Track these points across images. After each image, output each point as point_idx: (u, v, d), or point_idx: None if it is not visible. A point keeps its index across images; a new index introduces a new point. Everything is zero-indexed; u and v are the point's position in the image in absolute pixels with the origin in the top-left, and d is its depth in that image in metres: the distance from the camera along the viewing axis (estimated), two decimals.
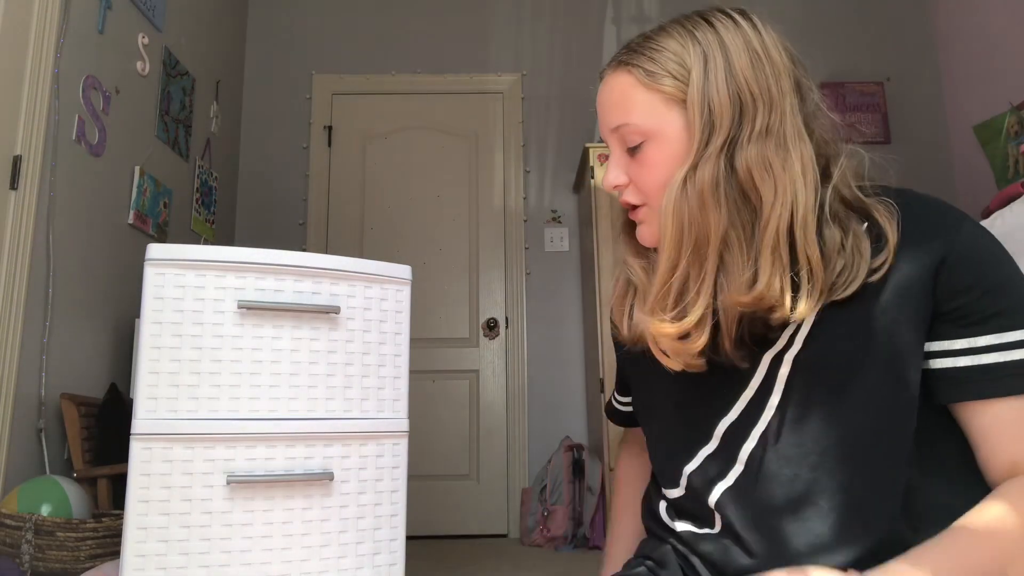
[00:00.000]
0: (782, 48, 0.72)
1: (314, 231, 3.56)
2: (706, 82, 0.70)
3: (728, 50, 0.70)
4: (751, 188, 0.68)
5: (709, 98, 0.69)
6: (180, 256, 1.34)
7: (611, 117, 0.76)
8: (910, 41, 3.84)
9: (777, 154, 0.68)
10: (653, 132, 0.73)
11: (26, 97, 2.01)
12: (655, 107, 0.72)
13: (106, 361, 2.38)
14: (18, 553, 1.64)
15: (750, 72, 0.70)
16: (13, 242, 1.94)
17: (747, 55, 0.70)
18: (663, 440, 0.82)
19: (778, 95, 0.70)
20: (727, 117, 0.69)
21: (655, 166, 0.73)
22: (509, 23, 3.82)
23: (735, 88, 0.69)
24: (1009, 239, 1.47)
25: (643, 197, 0.76)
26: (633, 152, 0.75)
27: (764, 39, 0.72)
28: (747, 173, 0.68)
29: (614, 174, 0.77)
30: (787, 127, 0.69)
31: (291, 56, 3.73)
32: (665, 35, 0.75)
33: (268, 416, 1.36)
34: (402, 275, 1.51)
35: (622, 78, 0.75)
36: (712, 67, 0.70)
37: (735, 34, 0.71)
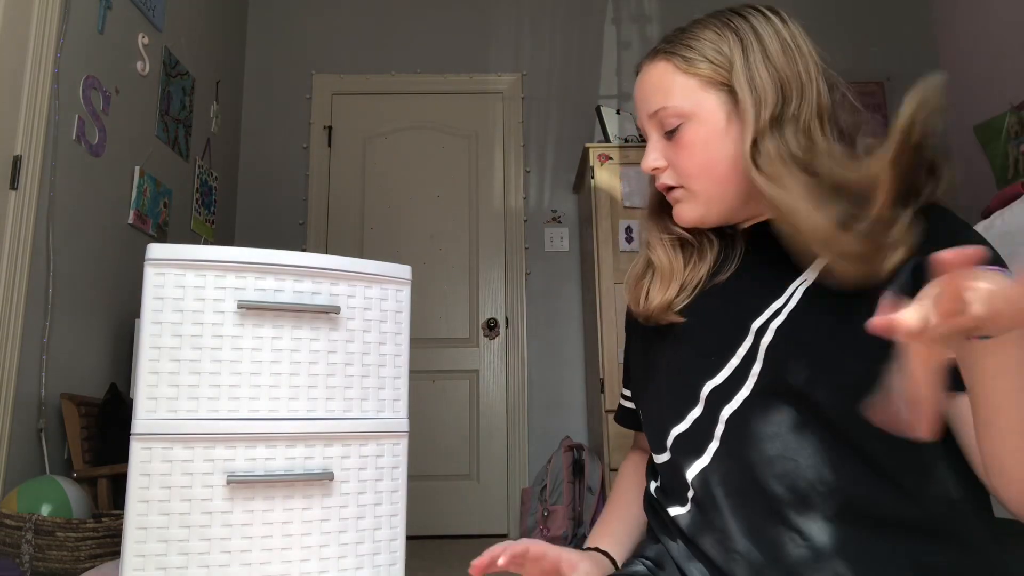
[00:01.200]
0: (810, 41, 0.78)
1: (314, 231, 3.56)
2: (747, 64, 0.74)
3: (763, 38, 0.76)
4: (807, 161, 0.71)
5: (753, 77, 0.74)
6: (180, 256, 1.34)
7: (650, 102, 0.79)
8: (910, 41, 3.84)
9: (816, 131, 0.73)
10: (691, 113, 0.76)
11: (26, 97, 2.01)
12: (693, 90, 0.76)
13: (106, 361, 2.38)
14: (18, 553, 1.64)
15: (783, 59, 0.75)
16: (13, 242, 1.94)
17: (779, 43, 0.76)
18: (655, 402, 0.84)
19: (808, 82, 0.74)
20: (771, 94, 0.73)
21: (693, 146, 0.77)
22: (509, 23, 3.82)
23: (774, 72, 0.74)
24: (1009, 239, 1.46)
25: (681, 178, 0.79)
26: (671, 135, 0.78)
27: (793, 30, 0.78)
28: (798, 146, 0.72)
29: (653, 156, 0.80)
30: (816, 112, 0.74)
31: (291, 56, 3.73)
32: (701, 26, 0.79)
33: (268, 416, 1.36)
34: (402, 275, 1.51)
35: (660, 65, 0.79)
36: (751, 51, 0.75)
37: (767, 25, 0.77)
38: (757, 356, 0.73)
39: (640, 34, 3.83)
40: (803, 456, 0.68)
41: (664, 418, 0.81)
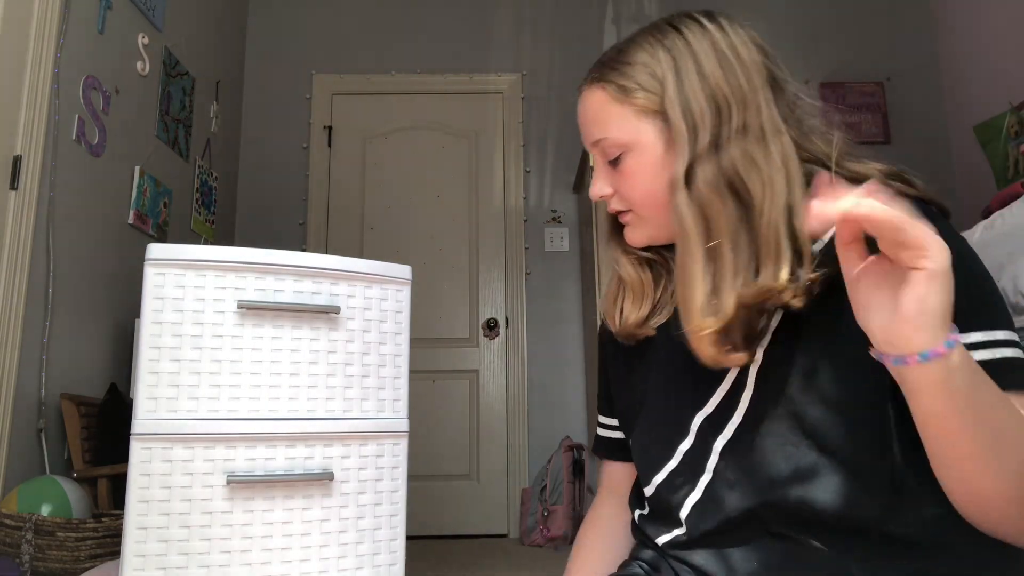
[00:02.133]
0: (752, 44, 0.75)
1: (314, 231, 3.56)
2: (681, 88, 0.72)
3: (697, 54, 0.73)
4: (740, 184, 0.69)
5: (686, 103, 0.72)
6: (180, 256, 1.34)
7: (590, 132, 0.79)
8: (910, 41, 3.84)
9: (758, 148, 0.70)
10: (630, 144, 0.76)
11: (26, 97, 2.01)
12: (629, 120, 0.75)
13: (106, 361, 2.38)
14: (18, 553, 1.64)
15: (720, 73, 0.72)
16: (13, 242, 1.94)
17: (715, 57, 0.73)
18: (645, 436, 0.83)
19: (750, 93, 0.72)
20: (708, 117, 0.71)
21: (635, 175, 0.76)
22: (509, 23, 3.82)
23: (709, 91, 0.72)
24: (1009, 239, 1.47)
25: (627, 204, 0.80)
26: (614, 163, 0.78)
27: (732, 38, 0.74)
28: (734, 170, 0.70)
29: (599, 185, 0.81)
30: (764, 122, 0.71)
31: (291, 56, 3.73)
32: (635, 47, 0.77)
33: (268, 416, 1.36)
34: (402, 275, 1.51)
35: (596, 94, 0.78)
36: (684, 72, 0.72)
37: (702, 38, 0.74)
38: (747, 383, 0.72)
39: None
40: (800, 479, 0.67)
41: (654, 453, 0.80)
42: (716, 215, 0.69)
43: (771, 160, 0.70)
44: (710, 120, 0.71)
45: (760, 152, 0.70)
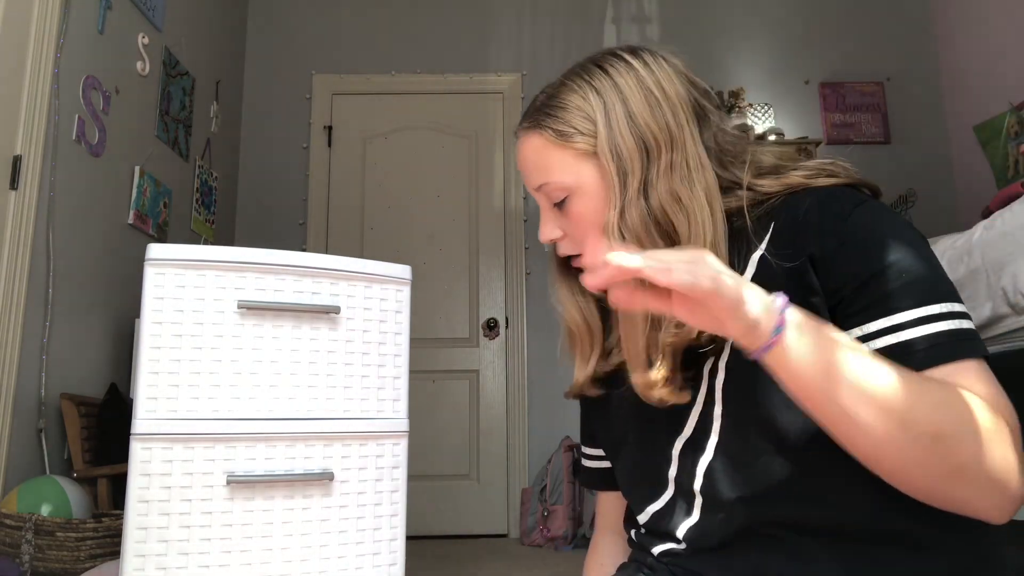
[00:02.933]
0: (677, 78, 0.76)
1: (314, 231, 3.56)
2: (610, 131, 0.73)
3: (624, 95, 0.74)
4: (668, 224, 0.71)
5: (616, 145, 0.73)
6: (180, 256, 1.34)
7: (532, 178, 0.80)
8: (910, 41, 3.84)
9: (683, 186, 0.71)
10: (573, 187, 0.76)
11: (26, 97, 2.01)
12: (569, 163, 0.76)
13: (106, 361, 2.38)
14: (18, 553, 1.64)
15: (648, 113, 0.73)
16: (13, 242, 1.94)
17: (642, 96, 0.74)
18: (632, 471, 0.83)
19: (677, 130, 0.73)
20: (636, 160, 0.72)
21: (582, 218, 0.76)
22: (509, 23, 3.82)
23: (638, 132, 0.72)
24: (1009, 239, 1.47)
25: (577, 248, 0.80)
26: (560, 206, 0.78)
27: (657, 74, 0.75)
28: (662, 210, 0.71)
29: (548, 229, 0.81)
30: (689, 159, 0.72)
31: (291, 56, 3.73)
32: (566, 90, 0.78)
33: (268, 416, 1.36)
34: (402, 275, 1.51)
35: (535, 140, 0.79)
36: (613, 115, 0.73)
37: (628, 76, 0.75)
38: (715, 399, 0.72)
39: (640, 34, 3.83)
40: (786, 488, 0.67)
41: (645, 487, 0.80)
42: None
43: (696, 197, 0.71)
44: (639, 162, 0.72)
45: (686, 190, 0.71)
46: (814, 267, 0.67)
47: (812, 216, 0.68)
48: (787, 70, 3.80)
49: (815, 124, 3.75)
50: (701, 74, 0.80)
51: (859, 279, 0.64)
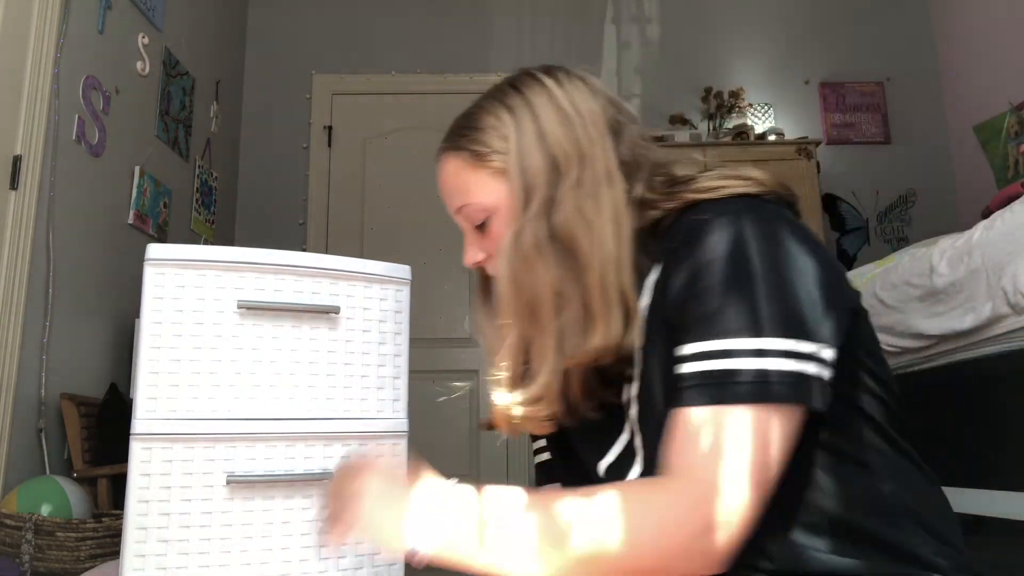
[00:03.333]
0: (591, 94, 0.75)
1: (314, 231, 3.56)
2: (520, 150, 0.73)
3: (536, 113, 0.74)
4: (569, 240, 0.69)
5: (524, 164, 0.72)
6: (180, 256, 1.34)
7: (452, 200, 0.80)
8: (910, 41, 3.84)
9: (588, 203, 0.70)
10: (492, 207, 0.76)
11: (26, 97, 2.01)
12: (487, 184, 0.76)
13: (106, 361, 2.38)
14: (18, 553, 1.64)
15: (559, 129, 0.72)
16: (13, 242, 1.94)
17: (555, 113, 0.73)
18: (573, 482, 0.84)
19: (588, 145, 0.72)
20: (542, 178, 0.71)
21: (502, 237, 0.75)
22: (509, 23, 3.81)
23: (547, 149, 0.72)
24: (1009, 239, 1.46)
25: None
26: (482, 228, 0.78)
27: (570, 92, 0.75)
28: (565, 227, 0.70)
29: (471, 252, 0.81)
30: (599, 175, 0.71)
31: (291, 56, 3.73)
32: (481, 111, 0.78)
33: (268, 416, 1.36)
34: (402, 275, 1.51)
35: (453, 162, 0.79)
36: (524, 133, 0.73)
37: (541, 95, 0.75)
38: (635, 430, 0.72)
39: (640, 34, 3.83)
40: None
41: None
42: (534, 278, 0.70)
43: (601, 213, 0.70)
44: (546, 179, 0.71)
45: (592, 206, 0.70)
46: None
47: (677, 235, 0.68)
48: (787, 70, 3.80)
49: (815, 124, 3.75)
50: (701, 74, 0.80)
51: (678, 303, 0.64)
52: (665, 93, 3.72)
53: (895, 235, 3.65)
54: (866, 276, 1.91)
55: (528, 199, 0.72)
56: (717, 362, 0.60)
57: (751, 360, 0.59)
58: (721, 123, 3.60)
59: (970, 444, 1.60)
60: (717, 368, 0.60)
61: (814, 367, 0.60)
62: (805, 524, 0.64)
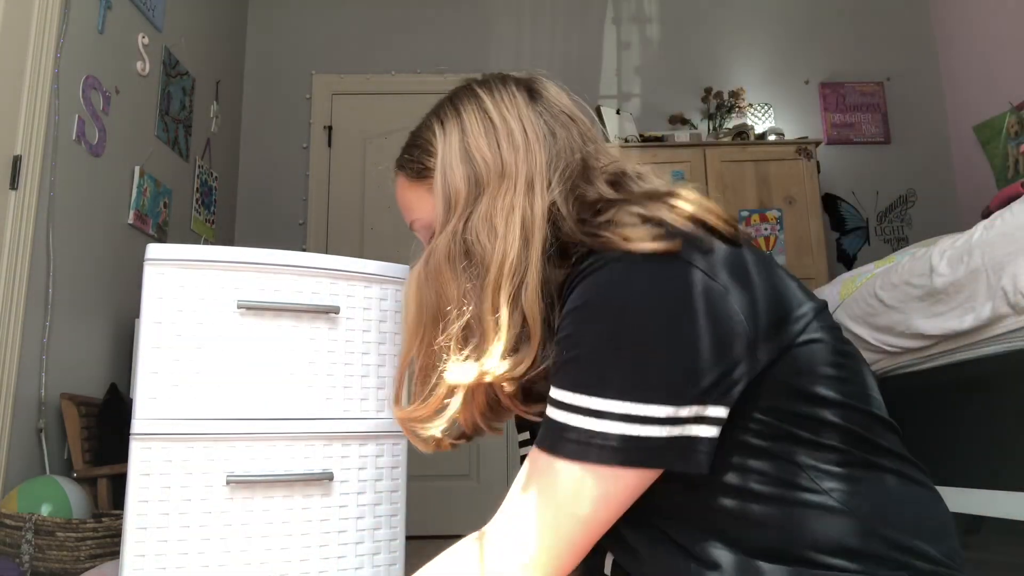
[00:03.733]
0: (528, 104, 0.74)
1: (314, 231, 3.56)
2: (444, 166, 0.73)
3: (464, 127, 0.74)
4: (477, 251, 0.69)
5: (446, 180, 0.73)
6: (180, 256, 1.34)
7: (404, 215, 0.82)
8: (910, 41, 3.84)
9: (501, 215, 0.69)
10: (432, 222, 0.77)
11: (26, 97, 2.01)
12: (426, 200, 0.77)
13: (106, 361, 2.38)
14: (18, 553, 1.64)
15: (483, 142, 0.72)
16: (13, 242, 1.94)
17: (481, 126, 0.73)
18: None
19: (511, 156, 0.71)
20: (463, 194, 0.72)
21: None
22: (509, 23, 3.81)
23: (470, 163, 0.72)
24: (1009, 239, 1.46)
25: None
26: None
27: (501, 102, 0.74)
28: (475, 238, 0.69)
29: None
30: (519, 187, 0.69)
31: (291, 56, 3.73)
32: (423, 128, 0.80)
33: (268, 416, 1.36)
34: (402, 275, 1.51)
35: (400, 180, 0.82)
36: (450, 149, 0.74)
37: (472, 107, 0.75)
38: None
39: (640, 34, 3.83)
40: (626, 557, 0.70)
41: None
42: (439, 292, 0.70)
43: (512, 225, 0.68)
44: (466, 194, 0.71)
45: (502, 219, 0.68)
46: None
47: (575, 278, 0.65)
48: (787, 70, 3.80)
49: (815, 124, 3.75)
50: (701, 74, 0.80)
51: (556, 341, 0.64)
52: (665, 93, 3.72)
53: (895, 235, 3.65)
54: (866, 276, 1.91)
55: (448, 214, 0.72)
56: (557, 412, 0.61)
57: (586, 419, 0.59)
58: (721, 123, 3.60)
59: (970, 444, 1.60)
60: (555, 419, 0.60)
61: (665, 430, 0.58)
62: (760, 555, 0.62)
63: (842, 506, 0.62)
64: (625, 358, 0.58)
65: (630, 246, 0.61)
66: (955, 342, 1.60)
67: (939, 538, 0.65)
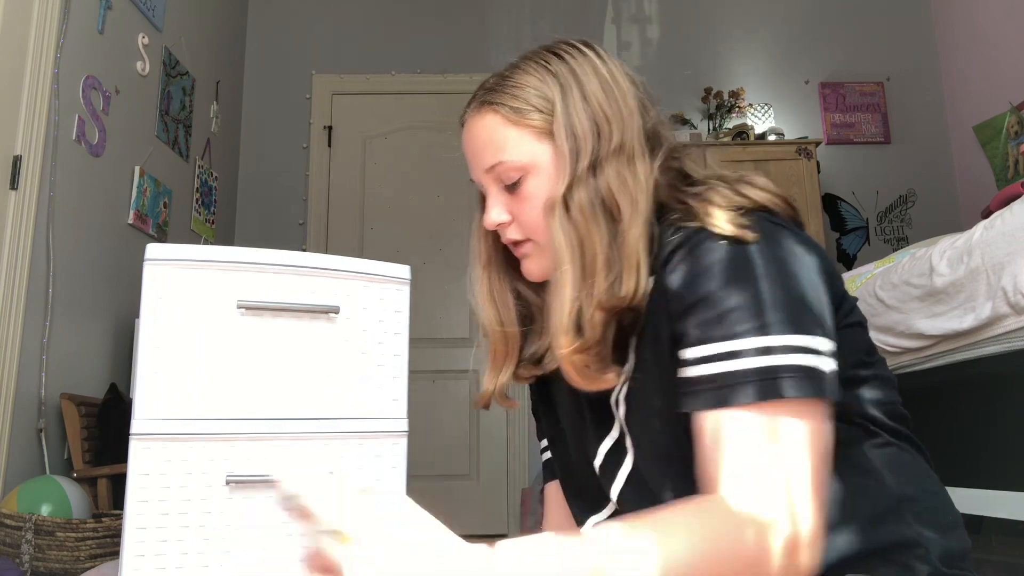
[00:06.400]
0: (623, 73, 0.78)
1: (314, 231, 3.55)
2: (567, 110, 0.74)
3: (580, 79, 0.75)
4: (612, 203, 0.71)
5: (572, 125, 0.73)
6: (180, 256, 1.34)
7: (484, 158, 0.78)
8: (910, 41, 3.84)
9: (628, 169, 0.72)
10: (529, 166, 0.75)
11: (26, 97, 2.01)
12: (527, 141, 0.75)
13: (106, 361, 2.38)
14: (18, 553, 1.64)
15: (602, 96, 0.74)
16: (13, 242, 1.94)
17: (597, 81, 0.75)
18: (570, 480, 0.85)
19: (628, 115, 0.74)
20: (588, 140, 0.72)
21: (536, 198, 0.75)
22: (509, 23, 3.81)
23: (591, 112, 0.73)
24: (1009, 239, 1.46)
25: (527, 232, 0.78)
26: (511, 189, 0.77)
27: (609, 65, 0.77)
28: (608, 189, 0.71)
29: (496, 211, 0.78)
30: (635, 144, 0.73)
31: (291, 56, 3.73)
32: (521, 72, 0.78)
33: (268, 416, 1.36)
34: (402, 275, 1.51)
35: (489, 118, 0.78)
36: (570, 95, 0.74)
37: (584, 63, 0.76)
38: (624, 430, 0.74)
39: (640, 34, 3.83)
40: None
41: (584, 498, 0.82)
42: (591, 236, 0.71)
43: (638, 181, 0.72)
44: (591, 142, 0.72)
45: (630, 173, 0.72)
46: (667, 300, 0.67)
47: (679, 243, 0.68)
48: (787, 70, 3.80)
49: (815, 124, 3.75)
50: (701, 74, 0.82)
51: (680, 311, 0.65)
52: (665, 93, 3.71)
53: (895, 235, 3.65)
54: (866, 276, 1.91)
55: (577, 159, 0.72)
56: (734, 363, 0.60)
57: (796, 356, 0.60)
58: (721, 123, 3.60)
59: (970, 444, 1.60)
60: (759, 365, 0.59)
61: (823, 360, 0.61)
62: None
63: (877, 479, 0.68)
64: (794, 296, 0.62)
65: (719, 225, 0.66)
66: (955, 342, 1.60)
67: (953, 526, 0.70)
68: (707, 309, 0.62)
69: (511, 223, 0.78)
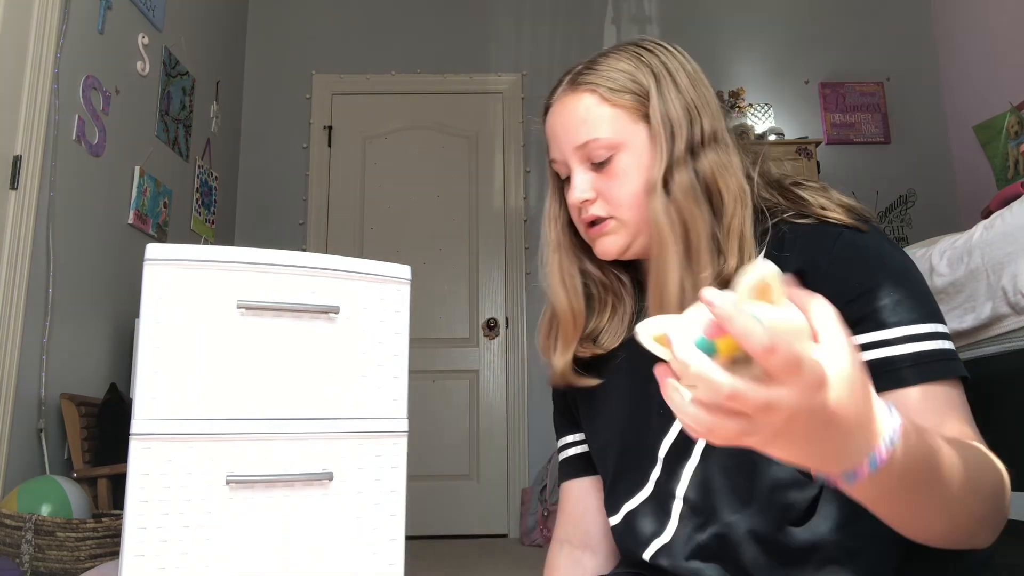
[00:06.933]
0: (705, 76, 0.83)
1: (314, 231, 3.56)
2: (661, 95, 0.78)
3: (671, 70, 0.80)
4: (714, 188, 0.75)
5: (667, 109, 0.77)
6: (180, 256, 1.34)
7: (576, 135, 0.80)
8: (910, 41, 3.84)
9: (726, 157, 0.77)
10: (622, 144, 0.78)
11: (26, 97, 2.01)
12: (620, 120, 0.79)
13: (106, 361, 2.38)
14: (18, 553, 1.64)
15: (691, 87, 0.79)
16: (13, 242, 1.94)
17: (685, 74, 0.80)
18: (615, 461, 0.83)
19: (716, 107, 0.80)
20: (683, 126, 0.77)
21: (627, 175, 0.78)
22: (509, 23, 3.81)
23: (684, 102, 0.78)
24: (1009, 239, 1.46)
25: (612, 209, 0.79)
26: (600, 167, 0.79)
27: (694, 65, 0.83)
28: (711, 175, 0.75)
29: (582, 188, 0.80)
30: (727, 136, 0.79)
31: (291, 56, 3.73)
32: (614, 59, 0.81)
33: (268, 416, 1.36)
34: (402, 275, 1.51)
35: (584, 98, 0.80)
36: (664, 83, 0.79)
37: (672, 59, 0.81)
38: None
39: (640, 34, 3.83)
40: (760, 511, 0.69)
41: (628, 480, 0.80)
42: (693, 219, 0.73)
43: (735, 168, 0.76)
44: (686, 128, 0.77)
45: (728, 160, 0.77)
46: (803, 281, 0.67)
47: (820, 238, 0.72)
48: (787, 70, 3.80)
49: (815, 124, 3.75)
50: None
51: (848, 295, 0.67)
52: None
53: (895, 235, 3.66)
54: None
55: (671, 145, 0.76)
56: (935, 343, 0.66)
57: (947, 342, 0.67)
58: None
59: None
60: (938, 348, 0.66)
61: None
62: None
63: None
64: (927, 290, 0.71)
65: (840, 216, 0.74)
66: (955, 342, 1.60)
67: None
68: (880, 297, 0.67)
69: (596, 200, 0.80)
